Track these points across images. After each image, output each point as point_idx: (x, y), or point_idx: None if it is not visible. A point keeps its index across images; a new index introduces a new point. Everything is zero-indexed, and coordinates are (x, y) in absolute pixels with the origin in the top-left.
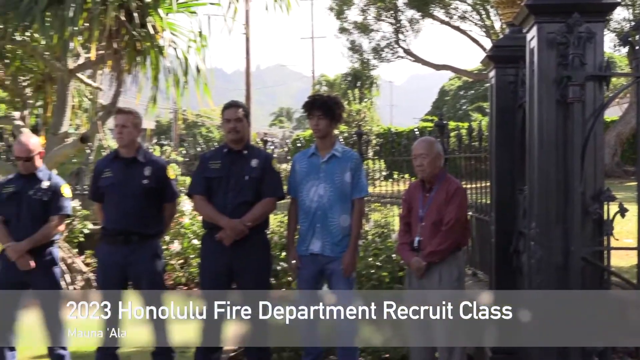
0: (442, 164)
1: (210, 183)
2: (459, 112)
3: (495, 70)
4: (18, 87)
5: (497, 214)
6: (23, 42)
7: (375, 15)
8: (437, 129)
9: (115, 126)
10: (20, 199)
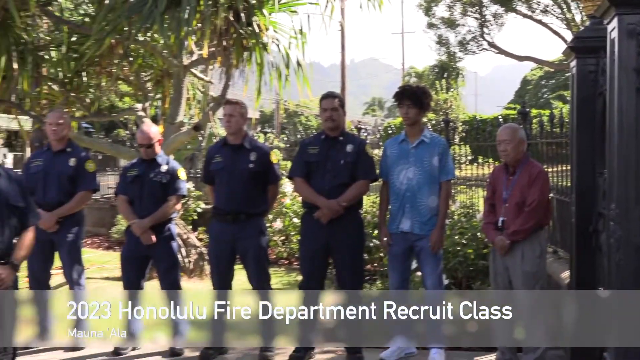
0: (524, 149)
1: (309, 167)
2: (540, 101)
3: (576, 60)
4: (140, 82)
5: (578, 195)
6: (145, 42)
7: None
8: (520, 116)
9: (224, 116)
10: (142, 181)
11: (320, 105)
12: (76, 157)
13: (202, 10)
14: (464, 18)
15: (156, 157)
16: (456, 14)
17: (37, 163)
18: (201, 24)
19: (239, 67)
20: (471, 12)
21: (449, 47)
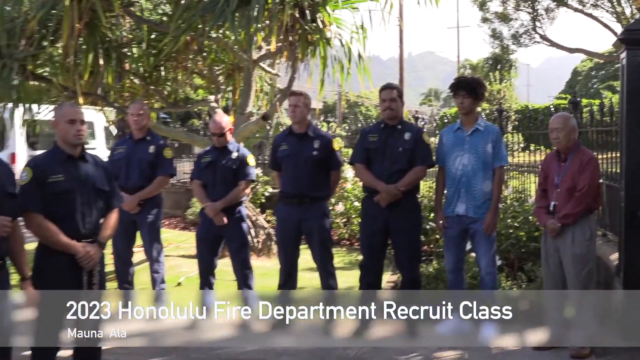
0: (576, 137)
1: (369, 153)
2: (590, 91)
3: (626, 52)
4: (213, 75)
5: (627, 181)
6: (217, 38)
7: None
8: (571, 105)
9: (289, 106)
10: (215, 167)
11: (380, 96)
12: (155, 144)
13: (269, 7)
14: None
15: (227, 145)
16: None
17: (120, 150)
18: (269, 21)
19: (303, 60)
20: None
21: (503, 40)
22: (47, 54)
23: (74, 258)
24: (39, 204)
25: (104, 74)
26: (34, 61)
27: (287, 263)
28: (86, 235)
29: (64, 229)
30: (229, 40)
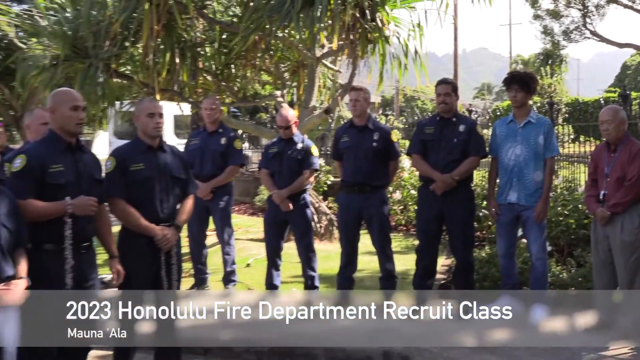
0: (625, 128)
1: (426, 145)
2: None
3: None
4: (279, 72)
5: None
6: (283, 38)
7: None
8: (620, 98)
9: (350, 100)
10: (281, 157)
11: (436, 91)
12: (227, 136)
13: (332, 8)
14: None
15: (293, 137)
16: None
17: (195, 142)
18: (331, 21)
19: (363, 57)
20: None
21: (554, 36)
22: (128, 53)
23: (153, 240)
24: (122, 190)
25: (179, 71)
26: (117, 60)
27: (347, 247)
28: (164, 220)
29: (144, 214)
30: (294, 39)
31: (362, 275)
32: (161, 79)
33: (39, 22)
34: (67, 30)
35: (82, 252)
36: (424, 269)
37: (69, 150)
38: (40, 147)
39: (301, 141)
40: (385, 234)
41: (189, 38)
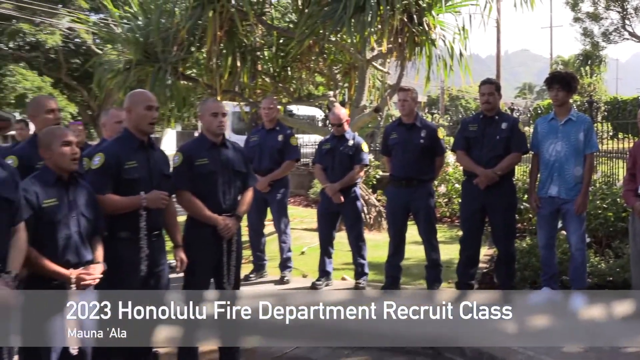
0: None
1: (469, 141)
2: None
3: None
4: (332, 73)
5: None
6: (336, 42)
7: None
8: None
9: (399, 100)
10: (334, 153)
11: (480, 90)
12: (283, 134)
13: (381, 13)
14: (607, 12)
15: (344, 134)
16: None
17: (254, 139)
18: (381, 25)
19: (411, 59)
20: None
21: (593, 37)
22: (194, 57)
23: (216, 229)
24: (188, 183)
25: (240, 74)
26: (183, 64)
27: (395, 237)
28: (226, 210)
29: (208, 205)
30: (346, 43)
31: (409, 263)
32: (223, 80)
33: (114, 30)
34: (139, 37)
35: (154, 240)
36: (467, 258)
37: (141, 147)
38: (116, 146)
39: (352, 138)
40: (431, 225)
41: (248, 43)
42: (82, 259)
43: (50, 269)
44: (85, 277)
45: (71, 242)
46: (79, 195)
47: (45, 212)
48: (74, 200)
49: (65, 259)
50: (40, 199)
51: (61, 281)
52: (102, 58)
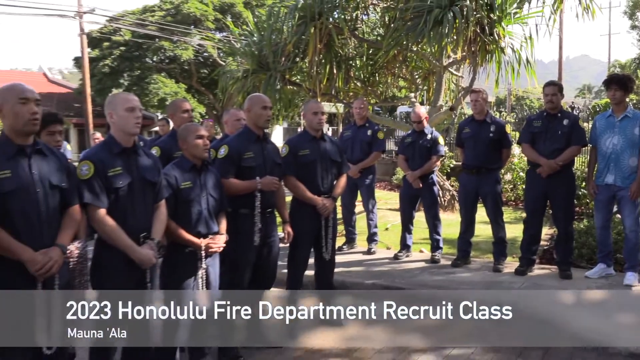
0: None
1: (534, 136)
2: None
3: None
4: (413, 78)
5: None
6: (417, 51)
7: None
8: None
9: (471, 100)
10: (414, 145)
11: (543, 91)
12: (372, 129)
13: (457, 26)
14: None
15: (424, 129)
16: None
17: (347, 133)
18: (456, 36)
19: (482, 65)
20: None
21: None
22: (298, 66)
23: (316, 208)
24: (293, 170)
25: (336, 79)
26: (290, 72)
27: (467, 217)
28: (324, 192)
29: (309, 188)
30: (425, 52)
31: (478, 240)
32: (322, 85)
33: (234, 45)
34: (254, 51)
35: (267, 216)
36: (530, 237)
37: (257, 141)
38: (237, 139)
39: (430, 133)
40: (498, 208)
41: (343, 53)
42: (210, 230)
43: (185, 238)
44: (212, 245)
45: (202, 216)
46: (208, 179)
47: (182, 192)
48: (204, 183)
49: (197, 230)
50: (178, 181)
51: (193, 248)
52: (225, 68)
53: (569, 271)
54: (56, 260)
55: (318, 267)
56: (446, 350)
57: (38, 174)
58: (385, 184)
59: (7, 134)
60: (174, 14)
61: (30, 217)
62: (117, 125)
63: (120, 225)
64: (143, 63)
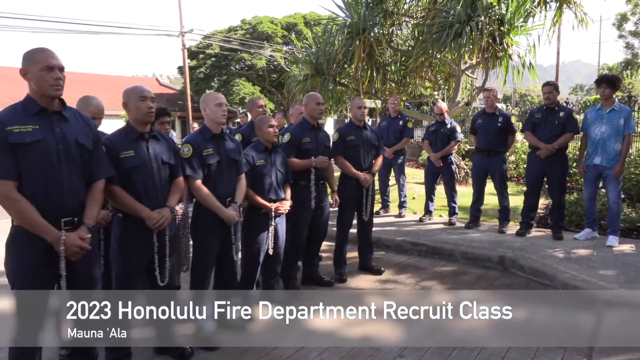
0: None
1: (535, 125)
2: None
3: None
4: (436, 79)
5: None
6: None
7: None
8: None
9: (483, 97)
10: (437, 133)
11: (542, 90)
12: (402, 120)
13: (473, 37)
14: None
15: (445, 120)
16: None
17: (383, 123)
18: (472, 46)
19: (493, 68)
20: None
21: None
22: (346, 71)
23: (358, 181)
24: (342, 152)
25: (375, 81)
26: (339, 76)
27: (478, 189)
28: (365, 169)
29: (354, 165)
30: (447, 59)
31: (486, 207)
32: (364, 86)
33: (297, 55)
34: (312, 59)
35: (319, 186)
36: (530, 206)
37: (313, 129)
38: (297, 128)
39: (450, 123)
40: (504, 182)
41: (381, 61)
42: (278, 197)
43: (260, 202)
44: (280, 208)
45: (272, 186)
46: (277, 158)
47: (257, 168)
48: (274, 161)
49: (268, 197)
50: (254, 160)
51: (266, 210)
52: (290, 74)
53: (561, 234)
54: (167, 217)
55: (359, 226)
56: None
57: (153, 153)
58: (412, 163)
59: (132, 123)
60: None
61: (148, 186)
62: (209, 117)
63: (211, 192)
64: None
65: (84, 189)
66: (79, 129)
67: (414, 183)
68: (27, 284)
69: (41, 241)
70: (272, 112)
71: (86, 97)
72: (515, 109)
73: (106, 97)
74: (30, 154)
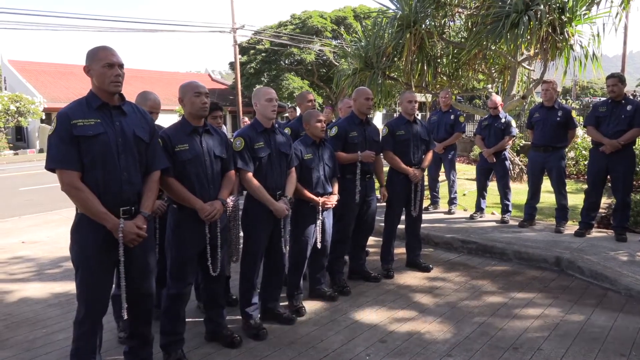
0: None
1: (599, 119)
2: None
3: None
4: (490, 72)
5: None
6: (495, 50)
7: None
8: None
9: (542, 90)
10: (490, 127)
11: (607, 82)
12: (454, 114)
13: (531, 27)
14: None
15: (499, 114)
16: None
17: (434, 118)
18: (530, 36)
19: (553, 60)
20: None
21: None
22: (396, 65)
23: (408, 176)
24: (391, 147)
25: (426, 75)
26: (389, 69)
27: (533, 187)
28: (415, 164)
29: (404, 161)
30: (502, 50)
31: (542, 206)
32: (415, 79)
33: (346, 49)
34: (361, 53)
35: (366, 181)
36: (590, 204)
37: (360, 124)
38: (344, 122)
39: (504, 117)
40: (562, 180)
41: (432, 54)
42: (325, 191)
43: (308, 196)
44: (327, 202)
45: (320, 180)
46: (324, 152)
47: (305, 162)
48: (322, 155)
49: (316, 191)
50: (302, 154)
51: (314, 204)
52: (339, 68)
53: (625, 235)
54: (218, 209)
55: (408, 222)
56: (511, 293)
57: (206, 147)
58: (464, 159)
59: (187, 118)
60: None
61: (201, 178)
62: (260, 111)
63: (262, 184)
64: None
65: (141, 179)
66: (137, 123)
67: (464, 179)
68: (89, 268)
69: (102, 228)
70: (321, 107)
71: (144, 92)
72: (576, 103)
73: (162, 92)
74: (92, 146)
